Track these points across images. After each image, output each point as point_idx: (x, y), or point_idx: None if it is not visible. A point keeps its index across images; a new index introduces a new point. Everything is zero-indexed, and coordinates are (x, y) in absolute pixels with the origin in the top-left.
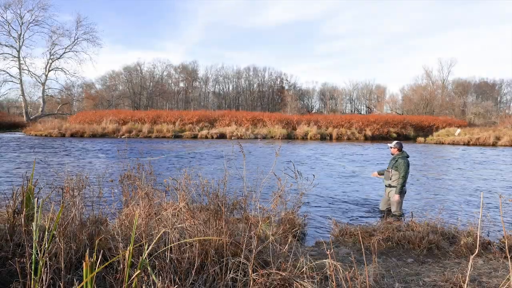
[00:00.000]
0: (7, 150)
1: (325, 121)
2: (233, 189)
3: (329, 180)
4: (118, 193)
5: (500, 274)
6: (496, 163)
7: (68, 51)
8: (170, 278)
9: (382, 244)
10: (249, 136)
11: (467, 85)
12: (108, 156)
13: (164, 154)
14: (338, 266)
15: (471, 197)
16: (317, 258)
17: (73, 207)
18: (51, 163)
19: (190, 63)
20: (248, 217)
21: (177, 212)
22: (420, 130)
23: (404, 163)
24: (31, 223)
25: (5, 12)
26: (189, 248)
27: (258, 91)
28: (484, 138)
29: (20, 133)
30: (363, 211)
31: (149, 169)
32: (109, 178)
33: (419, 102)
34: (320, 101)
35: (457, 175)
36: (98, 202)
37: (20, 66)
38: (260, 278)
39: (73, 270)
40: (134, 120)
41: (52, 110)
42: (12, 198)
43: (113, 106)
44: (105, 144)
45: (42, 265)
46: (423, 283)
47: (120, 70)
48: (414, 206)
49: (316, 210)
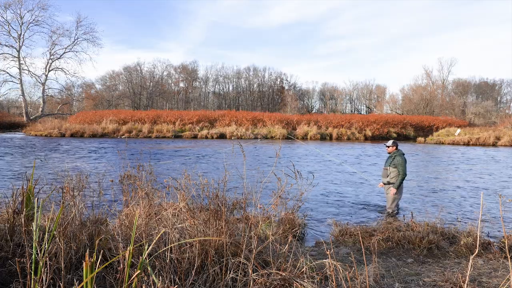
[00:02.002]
0: (7, 150)
1: (325, 121)
2: (233, 189)
3: (329, 180)
4: (118, 193)
5: (500, 274)
6: (496, 163)
7: (68, 51)
8: (170, 278)
9: (382, 244)
10: (249, 136)
11: (467, 85)
12: (108, 156)
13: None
14: (338, 266)
15: (471, 197)
16: (317, 258)
17: (73, 207)
18: (51, 163)
19: (190, 63)
20: (248, 217)
21: (177, 212)
22: (420, 130)
23: (402, 159)
24: (31, 223)
25: (5, 12)
26: (189, 248)
27: (258, 91)
28: (484, 138)
29: (20, 133)
30: (363, 211)
31: (149, 169)
32: (109, 178)
33: (419, 102)
34: (320, 101)
35: (457, 175)
36: (98, 202)
37: (20, 66)
38: (260, 278)
39: (73, 270)
40: (134, 120)
41: (52, 110)
42: (12, 198)
43: (113, 106)
44: (105, 144)
45: (42, 265)
46: (423, 283)
47: (120, 70)
48: (414, 206)
49: (316, 210)
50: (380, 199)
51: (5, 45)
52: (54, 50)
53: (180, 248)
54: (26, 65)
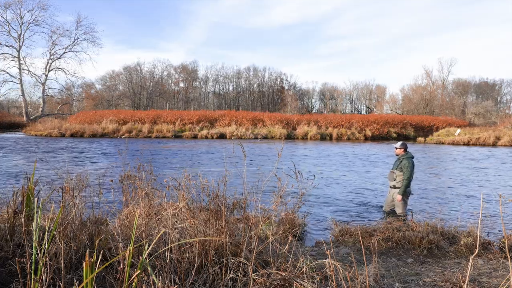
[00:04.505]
0: (7, 150)
1: (325, 121)
2: (234, 189)
3: (329, 180)
4: (118, 193)
5: (500, 274)
6: (496, 163)
7: (68, 51)
8: (170, 278)
9: (382, 244)
10: (249, 136)
11: (467, 85)
12: (108, 156)
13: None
14: (338, 266)
15: (471, 197)
16: (317, 258)
17: (73, 207)
18: (51, 163)
19: (190, 63)
20: (248, 217)
21: (177, 212)
22: (420, 130)
23: (409, 164)
24: (31, 223)
25: (5, 12)
26: (189, 248)
27: (258, 91)
28: (484, 138)
29: (20, 133)
30: (363, 211)
31: (149, 169)
32: (109, 178)
33: (419, 102)
34: (320, 101)
35: (457, 175)
36: (98, 202)
37: (20, 66)
38: (260, 278)
39: (73, 270)
40: (134, 120)
41: (52, 110)
42: (12, 198)
43: (113, 106)
44: (105, 144)
45: (42, 265)
46: (423, 283)
47: (120, 70)
48: (414, 206)
49: (316, 210)
50: (380, 199)
51: (5, 45)
52: (54, 50)
53: (180, 248)
54: (26, 65)
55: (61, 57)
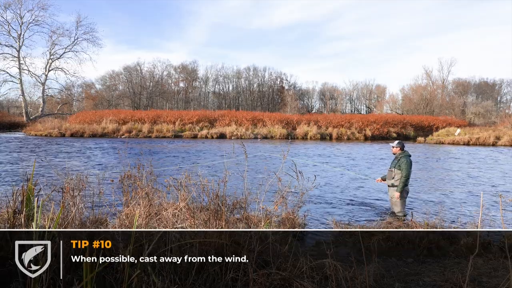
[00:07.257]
0: (7, 150)
1: (325, 121)
2: (234, 189)
3: (329, 180)
4: (118, 193)
5: (500, 274)
6: (496, 163)
7: (68, 51)
8: (170, 278)
9: (382, 244)
10: (249, 136)
11: (467, 85)
12: (108, 156)
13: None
14: (338, 266)
15: (471, 197)
16: (317, 258)
17: (73, 207)
18: (51, 163)
19: (190, 63)
20: (249, 217)
21: (177, 212)
22: (420, 130)
23: (407, 162)
24: (31, 223)
25: (5, 12)
26: (189, 248)
27: (258, 91)
28: (484, 138)
29: (20, 133)
30: (364, 211)
31: (149, 169)
32: (109, 178)
33: (419, 102)
34: (320, 101)
35: (457, 175)
36: (98, 202)
37: (20, 66)
38: (260, 278)
39: (73, 270)
40: (134, 120)
41: (52, 110)
42: (12, 198)
43: (113, 106)
44: (105, 144)
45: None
46: (423, 283)
47: (120, 70)
48: (414, 206)
49: (316, 210)
50: (380, 199)
51: (5, 45)
52: (54, 50)
53: (180, 248)
54: (26, 65)
55: (61, 57)
